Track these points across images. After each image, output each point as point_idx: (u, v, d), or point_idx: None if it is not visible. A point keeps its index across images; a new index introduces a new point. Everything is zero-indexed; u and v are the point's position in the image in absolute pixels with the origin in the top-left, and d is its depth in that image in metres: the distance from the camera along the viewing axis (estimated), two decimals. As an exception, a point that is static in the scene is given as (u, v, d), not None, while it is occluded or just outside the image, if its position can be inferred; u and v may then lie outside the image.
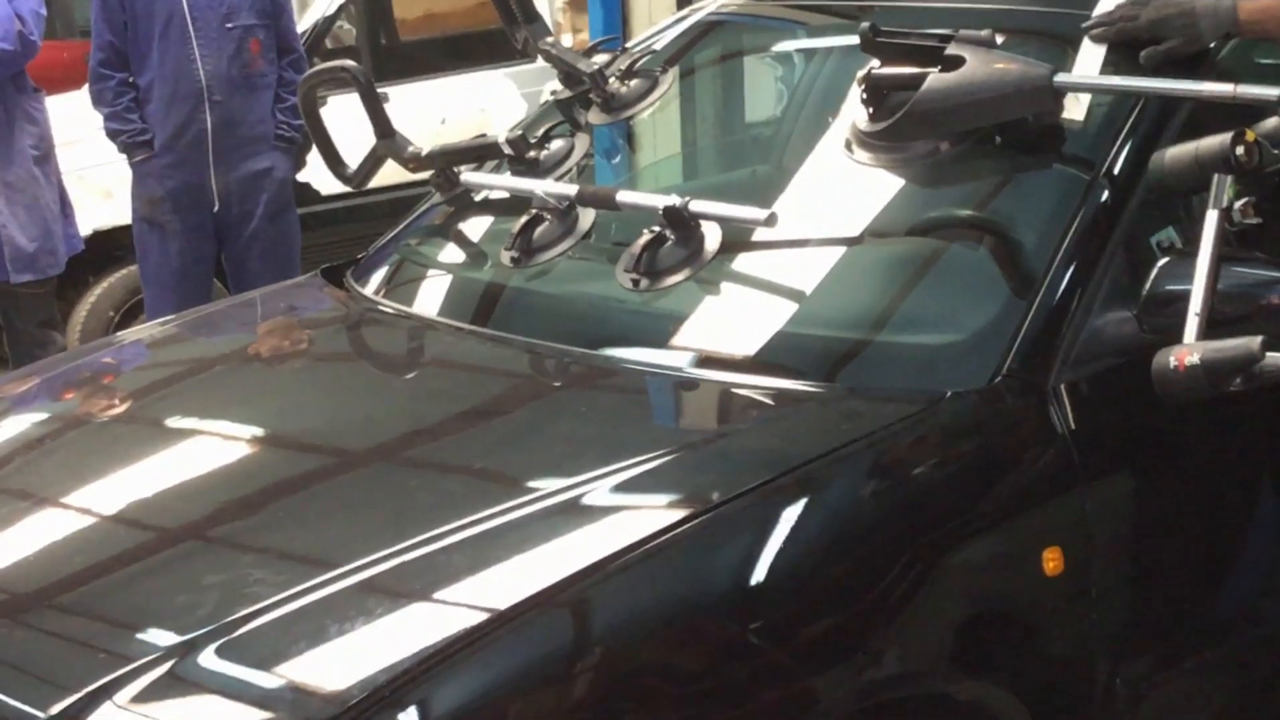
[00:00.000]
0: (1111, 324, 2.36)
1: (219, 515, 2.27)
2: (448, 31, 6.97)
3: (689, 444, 2.36)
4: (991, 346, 2.33)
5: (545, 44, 3.28)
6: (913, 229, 2.64)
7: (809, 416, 2.36)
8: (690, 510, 2.08)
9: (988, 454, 2.28)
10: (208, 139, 4.81)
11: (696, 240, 2.64)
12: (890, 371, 2.39)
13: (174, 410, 2.74)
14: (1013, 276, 2.46)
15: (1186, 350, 2.17)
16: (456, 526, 2.06)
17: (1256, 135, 2.30)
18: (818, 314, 2.55)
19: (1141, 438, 2.38)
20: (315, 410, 2.65)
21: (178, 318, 3.32)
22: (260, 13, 4.83)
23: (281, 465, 2.46)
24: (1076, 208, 2.44)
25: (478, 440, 2.43)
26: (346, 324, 3.05)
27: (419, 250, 3.18)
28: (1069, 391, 2.31)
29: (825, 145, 2.84)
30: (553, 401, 2.58)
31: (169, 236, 4.90)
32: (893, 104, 2.62)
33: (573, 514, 2.10)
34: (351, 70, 3.27)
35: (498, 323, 2.77)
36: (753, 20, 3.48)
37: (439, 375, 2.79)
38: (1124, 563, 2.32)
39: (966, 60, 2.54)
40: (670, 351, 2.56)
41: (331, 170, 3.38)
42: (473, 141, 3.25)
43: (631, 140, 3.34)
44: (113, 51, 4.80)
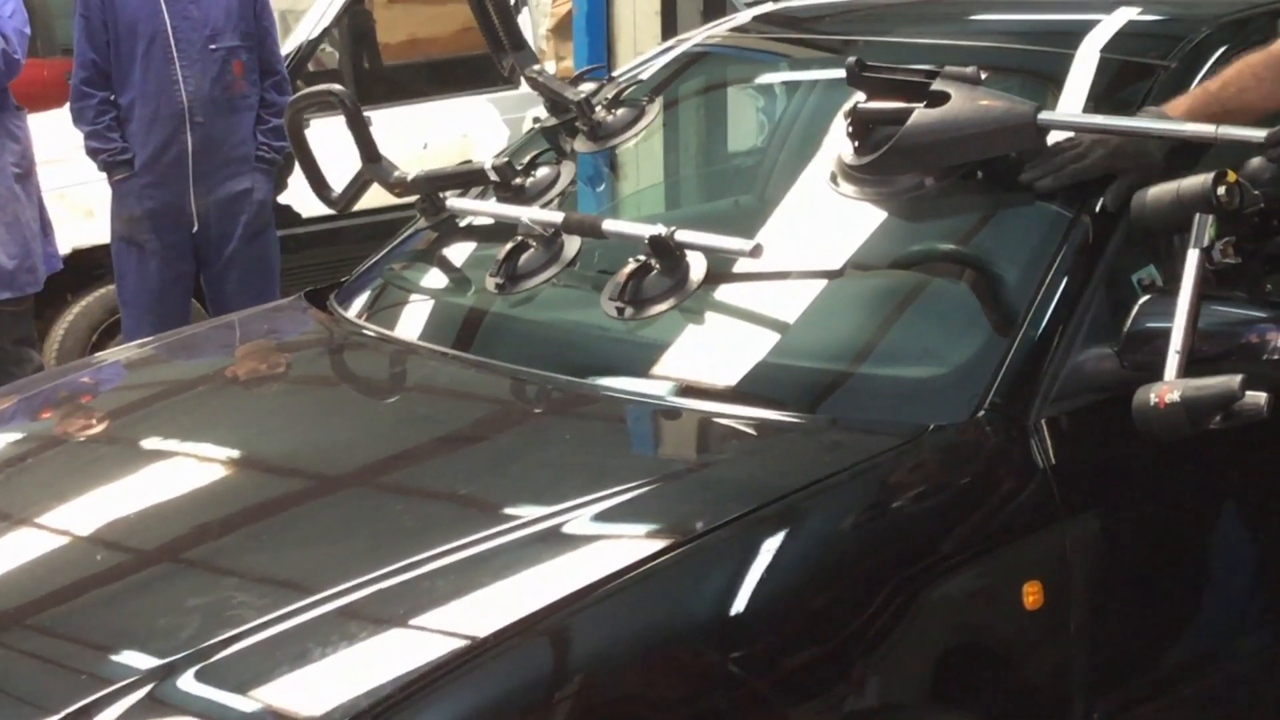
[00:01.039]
0: (1092, 360, 2.38)
1: (200, 538, 2.26)
2: (431, 56, 6.98)
3: (671, 473, 2.37)
4: (973, 381, 2.35)
5: (532, 71, 3.30)
6: (897, 263, 2.66)
7: (791, 447, 2.37)
8: (672, 540, 2.08)
9: (969, 488, 2.29)
10: (188, 159, 4.81)
11: (681, 270, 2.65)
12: (872, 404, 2.40)
13: (155, 432, 2.73)
14: (995, 312, 2.47)
15: (1167, 388, 2.19)
16: (438, 552, 2.06)
17: (1237, 176, 2.33)
18: (801, 345, 2.56)
19: (1121, 473, 2.39)
20: (297, 434, 2.64)
21: (158, 339, 3.32)
22: (244, 34, 4.83)
23: (263, 489, 2.45)
24: (1059, 244, 2.46)
25: (461, 466, 2.43)
26: (329, 347, 3.04)
27: (403, 275, 3.18)
28: (1050, 427, 2.33)
29: (810, 177, 2.85)
30: (536, 429, 2.58)
31: (147, 256, 4.89)
32: (878, 138, 2.63)
33: (554, 542, 2.10)
34: (338, 94, 3.28)
35: (482, 348, 2.78)
36: (738, 52, 3.50)
37: (422, 400, 2.79)
38: (1103, 597, 2.32)
39: (952, 96, 2.56)
40: (654, 380, 2.56)
41: (316, 194, 3.39)
42: (458, 167, 3.25)
43: (617, 169, 3.35)
44: (95, 70, 4.80)
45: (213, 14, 4.78)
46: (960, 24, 3.29)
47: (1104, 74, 2.69)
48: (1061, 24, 3.08)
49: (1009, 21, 3.25)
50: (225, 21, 4.79)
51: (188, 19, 4.76)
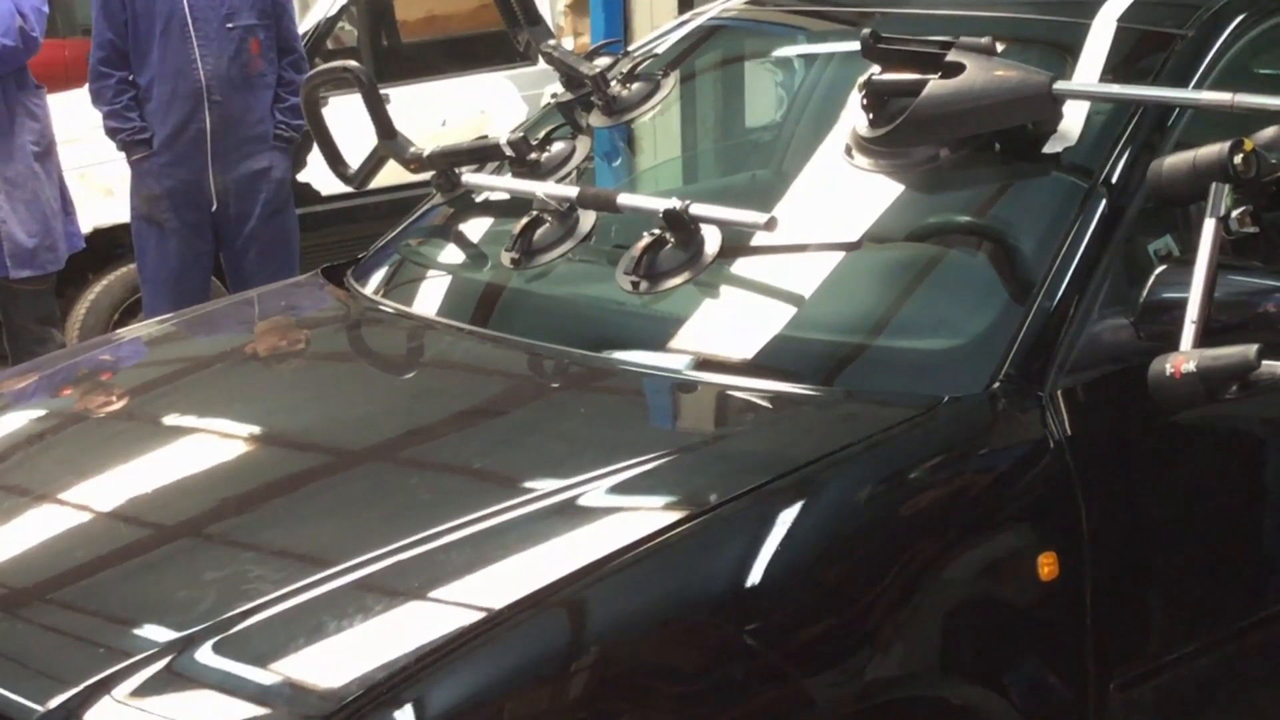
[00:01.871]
0: (1108, 331, 2.37)
1: (218, 512, 2.27)
2: (449, 33, 6.98)
3: (687, 446, 2.37)
4: (989, 352, 2.34)
5: (547, 47, 3.29)
6: (912, 234, 2.65)
7: (807, 419, 2.37)
8: (687, 511, 2.09)
9: (984, 459, 2.29)
10: (206, 138, 4.82)
11: (696, 243, 2.65)
12: (888, 376, 2.40)
13: (173, 407, 2.75)
14: (1010, 283, 2.47)
15: (1183, 358, 2.18)
16: (454, 525, 2.07)
17: (1254, 145, 2.31)
18: (817, 318, 2.55)
19: (1137, 444, 2.39)
20: (314, 409, 2.65)
21: (177, 315, 3.33)
22: (261, 13, 4.83)
23: (281, 463, 2.46)
24: (1075, 215, 2.45)
25: (476, 440, 2.44)
26: (346, 323, 3.05)
27: (419, 250, 3.19)
28: (1065, 397, 2.32)
29: (825, 150, 2.85)
30: (551, 402, 2.59)
31: (167, 235, 4.90)
32: (893, 110, 2.63)
33: (570, 514, 2.11)
34: (354, 71, 3.28)
35: (497, 323, 2.78)
36: (754, 25, 3.49)
37: (438, 375, 2.79)
38: (1118, 568, 2.32)
39: (966, 67, 2.55)
40: (669, 354, 2.57)
41: (333, 170, 3.39)
42: (474, 143, 3.25)
43: (632, 143, 3.35)
44: (113, 50, 4.81)
45: (229, -8, 4.78)
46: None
47: (1120, 43, 2.67)
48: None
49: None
50: (242, 0, 4.79)
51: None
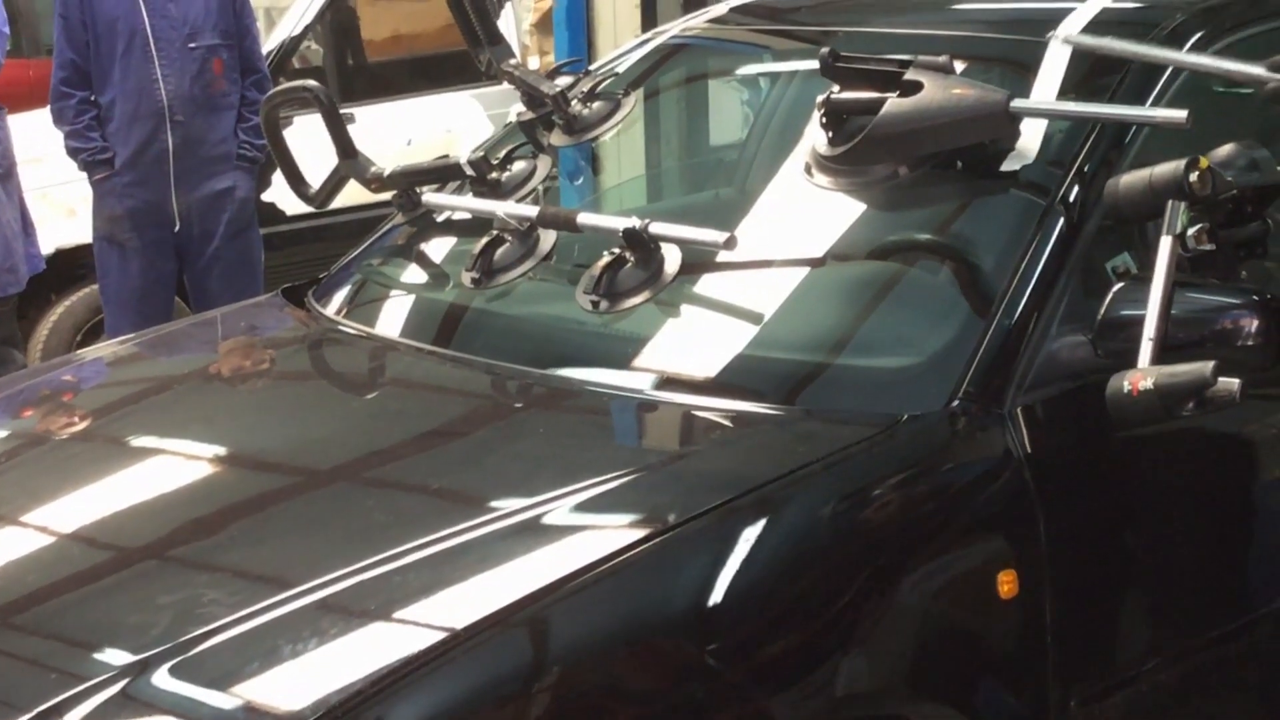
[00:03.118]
0: (1067, 348, 2.38)
1: (174, 534, 2.26)
2: (415, 52, 6.97)
3: (647, 465, 2.37)
4: (948, 370, 2.35)
5: (508, 66, 3.29)
6: (871, 252, 2.66)
7: (766, 438, 2.37)
8: (648, 531, 2.08)
9: (943, 477, 2.29)
10: (169, 158, 4.80)
11: (656, 262, 2.65)
12: (847, 394, 2.40)
13: (132, 429, 2.73)
14: (969, 300, 2.47)
15: (1141, 375, 2.19)
16: (413, 546, 2.06)
17: (1210, 162, 2.33)
18: (777, 336, 2.56)
19: (1096, 461, 2.40)
20: (274, 430, 2.64)
21: (138, 336, 3.32)
22: (224, 33, 4.82)
23: (239, 484, 2.45)
24: (1033, 232, 2.46)
25: (437, 460, 2.43)
26: (307, 344, 3.04)
27: (380, 270, 3.18)
28: (1024, 415, 2.33)
29: (785, 169, 2.85)
30: (512, 422, 2.58)
31: (129, 255, 4.88)
32: (851, 128, 2.63)
33: (531, 534, 2.10)
34: (313, 90, 3.27)
35: (458, 343, 2.77)
36: (715, 44, 3.49)
37: (399, 395, 2.78)
38: (1078, 586, 2.33)
39: (924, 85, 2.56)
40: (630, 373, 2.56)
41: (293, 189, 3.38)
42: (435, 162, 3.25)
43: (594, 162, 3.35)
44: (74, 70, 4.79)
45: (191, 12, 4.77)
46: (935, 13, 3.28)
47: (1077, 62, 2.69)
48: (1035, 12, 3.08)
49: (984, 10, 3.26)
50: (204, 20, 4.78)
51: (166, 18, 4.75)
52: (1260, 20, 2.84)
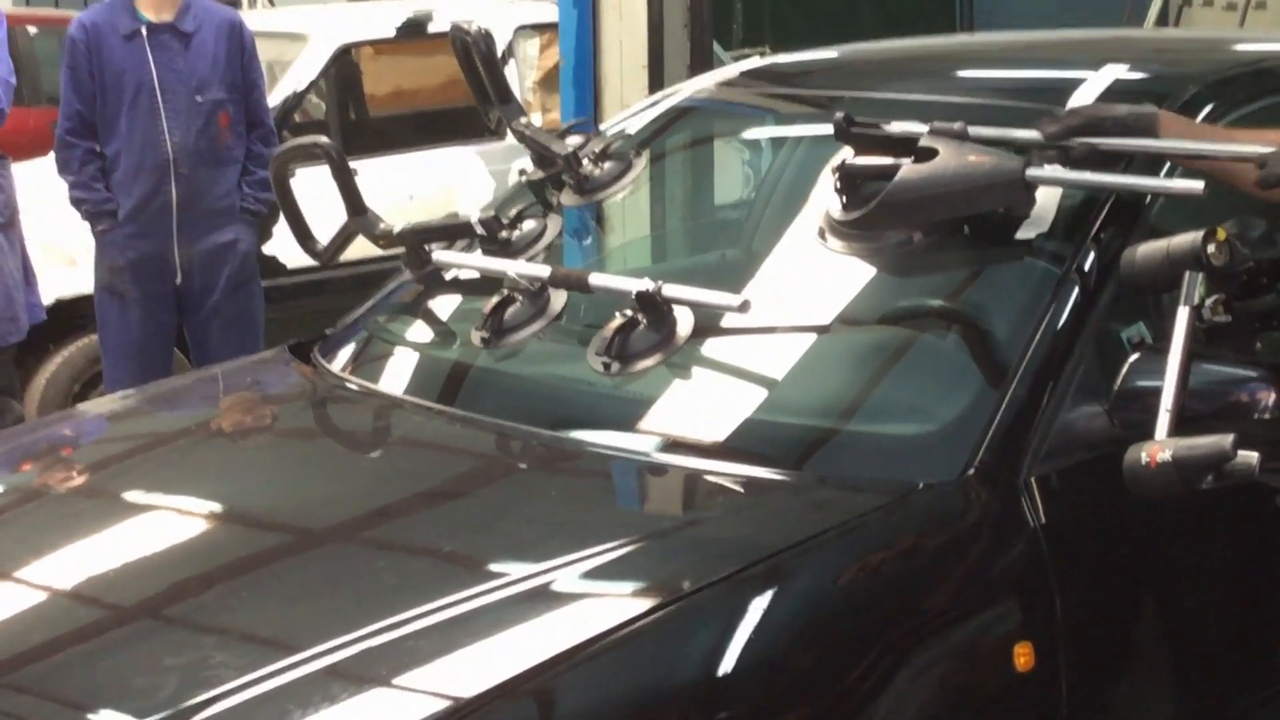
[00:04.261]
0: (1083, 418, 2.37)
1: (181, 594, 2.23)
2: (417, 107, 6.99)
3: (659, 531, 2.35)
4: (963, 438, 2.33)
5: (519, 124, 3.29)
6: (885, 318, 2.65)
7: (780, 505, 2.35)
8: (659, 599, 2.06)
9: (959, 547, 2.27)
10: (172, 211, 4.79)
11: (669, 325, 2.63)
12: (861, 461, 2.39)
13: (135, 486, 2.70)
14: (985, 368, 2.46)
15: (1158, 447, 2.17)
16: (423, 611, 2.04)
17: (1227, 233, 2.32)
18: (790, 401, 2.54)
19: (1112, 533, 2.38)
20: (279, 488, 2.61)
21: (141, 390, 3.29)
22: (231, 86, 4.82)
23: (245, 545, 2.42)
24: (1048, 301, 2.45)
25: (446, 523, 2.40)
26: (313, 401, 3.02)
27: (388, 328, 3.16)
28: (1040, 485, 2.31)
29: (798, 232, 2.84)
30: (522, 484, 2.56)
31: (129, 306, 4.86)
32: (866, 194, 2.63)
33: (541, 600, 2.08)
34: (324, 146, 3.27)
35: (468, 403, 2.75)
36: (725, 107, 3.49)
37: (409, 455, 2.76)
38: (1094, 659, 2.30)
39: (939, 152, 2.55)
40: (641, 436, 2.54)
41: (301, 245, 3.37)
42: (444, 220, 3.24)
43: (604, 222, 3.34)
44: (80, 120, 4.79)
45: (200, 66, 4.77)
46: (947, 80, 3.29)
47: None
48: (1048, 81, 3.09)
49: (996, 79, 3.26)
50: (212, 74, 4.78)
51: (174, 71, 4.75)
52: (1271, 93, 2.85)
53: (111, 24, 4.77)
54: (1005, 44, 3.92)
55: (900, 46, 3.85)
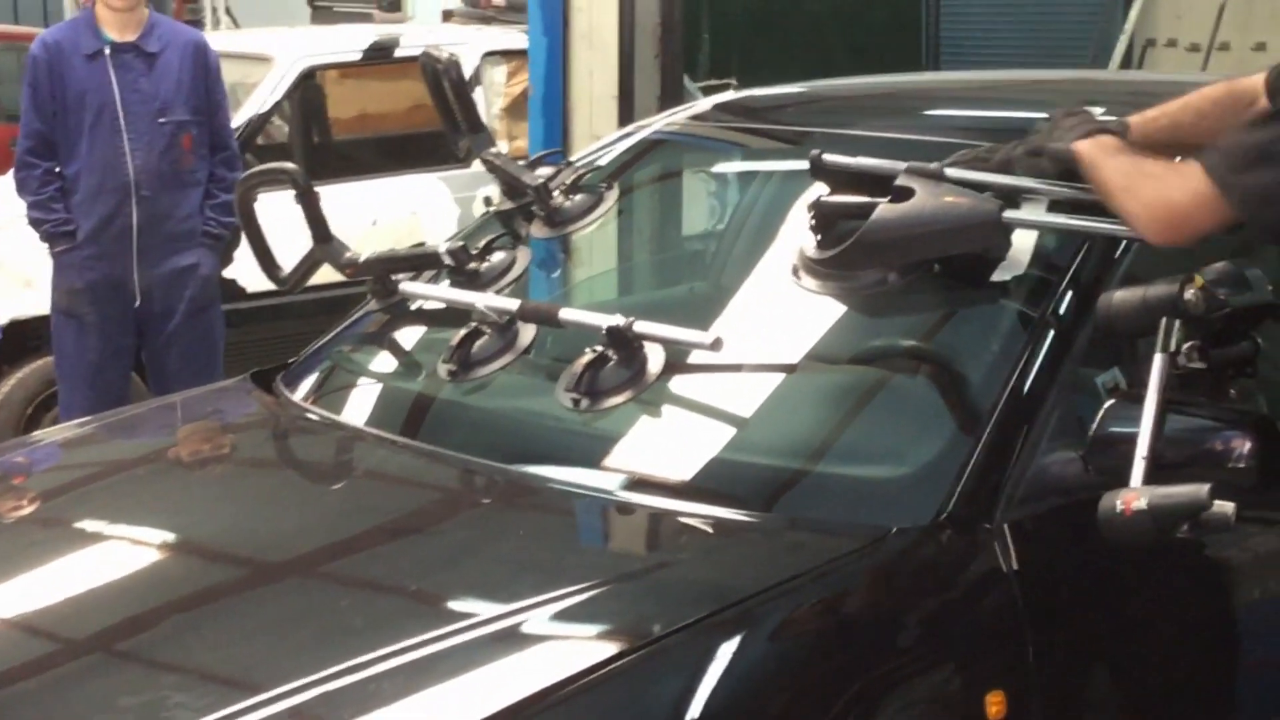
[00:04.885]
0: (1057, 463, 2.35)
1: (137, 630, 2.19)
2: (382, 132, 6.95)
3: (629, 572, 2.31)
4: (937, 482, 2.31)
5: (489, 154, 3.26)
6: (859, 359, 2.63)
7: (752, 548, 2.32)
8: (630, 643, 2.03)
9: (931, 593, 2.25)
10: (132, 233, 4.73)
11: (639, 361, 2.60)
12: (833, 504, 2.36)
13: (92, 516, 2.64)
14: (959, 411, 2.44)
15: (1134, 494, 2.15)
16: (389, 652, 2.00)
17: (1204, 280, 2.31)
18: (761, 441, 2.51)
19: (1086, 579, 2.36)
20: (240, 521, 2.56)
21: (99, 419, 3.23)
22: (194, 109, 4.77)
23: (205, 579, 2.37)
24: (1024, 344, 2.43)
25: (412, 560, 2.36)
26: (275, 431, 2.97)
27: (353, 358, 3.11)
28: (1014, 530, 2.29)
29: (771, 269, 2.82)
30: (489, 522, 2.52)
31: (87, 329, 4.79)
32: (841, 232, 2.61)
33: (510, 642, 2.04)
34: (291, 173, 3.22)
35: (435, 437, 2.71)
36: (697, 140, 3.47)
37: (373, 489, 2.71)
38: (1068, 707, 2.28)
39: (916, 192, 2.53)
40: (609, 474, 2.51)
41: (265, 272, 3.32)
42: (412, 250, 3.21)
43: (575, 255, 3.31)
44: (40, 140, 4.73)
45: (163, 87, 4.72)
46: (919, 118, 3.28)
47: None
48: (1017, 121, 3.08)
49: (968, 117, 3.25)
50: (176, 95, 4.73)
51: (138, 92, 4.70)
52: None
53: (74, 43, 4.72)
54: (973, 83, 3.93)
55: (871, 83, 3.84)
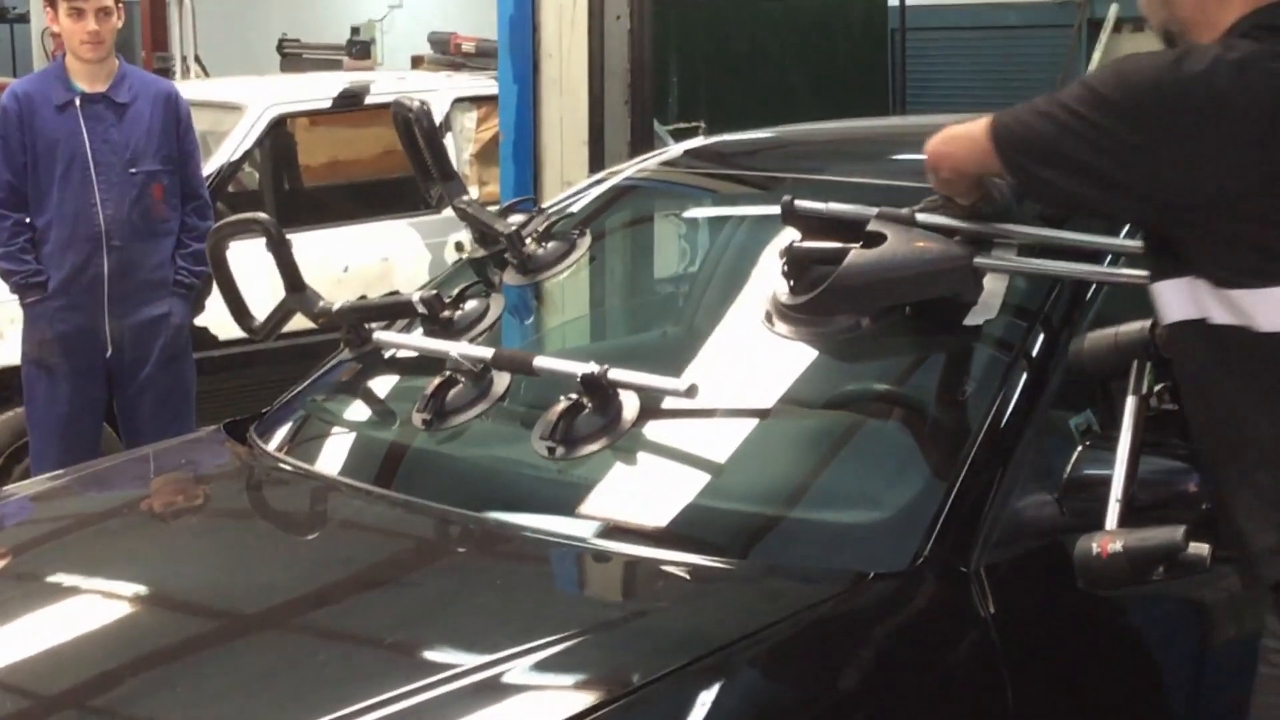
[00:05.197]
0: (1032, 507, 2.36)
1: (111, 687, 2.17)
2: (352, 179, 6.95)
3: (607, 621, 2.31)
4: (913, 527, 2.31)
5: (461, 202, 3.26)
6: (833, 404, 2.63)
7: (730, 595, 2.32)
8: (610, 692, 2.02)
9: (910, 638, 2.25)
10: (103, 283, 4.71)
11: (614, 409, 2.60)
12: (810, 550, 2.36)
13: (64, 570, 2.62)
14: (934, 456, 2.45)
15: (1109, 537, 2.16)
16: (368, 705, 1.98)
17: None
18: (737, 488, 2.51)
19: (1063, 622, 2.36)
20: (215, 574, 2.54)
21: (72, 471, 3.21)
22: (165, 158, 4.76)
23: (179, 633, 2.35)
24: (997, 388, 2.44)
25: (389, 612, 2.34)
26: (249, 482, 2.96)
27: (326, 407, 3.10)
28: (989, 574, 2.29)
29: (744, 315, 2.83)
30: (467, 572, 2.50)
31: (58, 380, 4.77)
32: (813, 278, 2.61)
33: (489, 694, 2.03)
34: (264, 223, 3.22)
35: (410, 487, 2.70)
36: (668, 187, 3.49)
37: (349, 539, 2.69)
38: (1046, 751, 2.28)
39: (888, 237, 2.55)
40: (585, 522, 2.51)
41: (237, 322, 3.31)
42: (384, 299, 3.20)
43: (548, 302, 3.31)
44: (10, 191, 4.71)
45: (134, 137, 4.71)
46: (889, 163, 3.30)
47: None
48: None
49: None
50: (147, 145, 4.72)
51: (108, 142, 4.69)
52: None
53: (44, 94, 4.71)
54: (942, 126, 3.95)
55: (840, 128, 3.87)
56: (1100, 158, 2.12)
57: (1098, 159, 2.13)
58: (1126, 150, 2.11)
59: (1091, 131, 2.12)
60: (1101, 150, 2.12)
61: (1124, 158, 2.11)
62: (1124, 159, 2.11)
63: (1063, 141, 2.15)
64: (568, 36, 4.78)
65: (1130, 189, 2.14)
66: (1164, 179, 2.12)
